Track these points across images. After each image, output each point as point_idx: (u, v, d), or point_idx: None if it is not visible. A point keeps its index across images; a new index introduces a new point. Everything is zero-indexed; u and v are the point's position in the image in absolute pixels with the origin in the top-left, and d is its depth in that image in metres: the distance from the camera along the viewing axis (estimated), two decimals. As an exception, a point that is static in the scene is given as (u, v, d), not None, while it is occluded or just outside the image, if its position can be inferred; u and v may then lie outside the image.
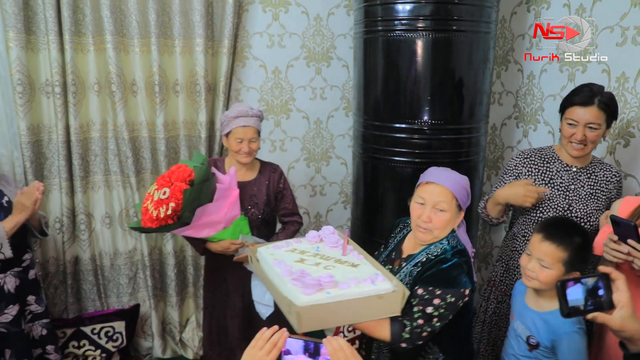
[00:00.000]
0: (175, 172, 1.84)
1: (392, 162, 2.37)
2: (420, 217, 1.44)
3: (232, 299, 2.19)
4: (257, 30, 2.71)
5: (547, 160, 1.89)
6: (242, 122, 2.02)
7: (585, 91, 1.75)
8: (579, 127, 1.74)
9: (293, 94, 2.86)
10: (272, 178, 2.17)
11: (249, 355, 1.04)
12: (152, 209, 1.79)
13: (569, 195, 1.83)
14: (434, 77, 2.23)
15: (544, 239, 1.40)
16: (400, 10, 2.21)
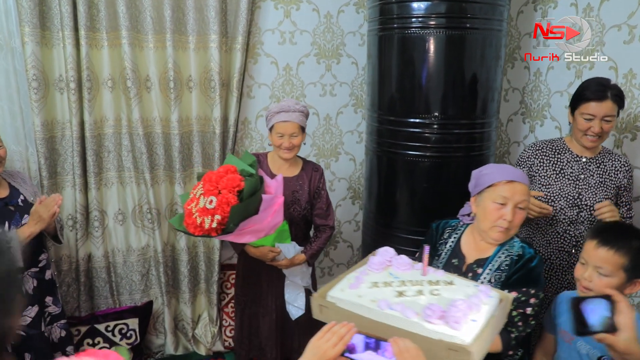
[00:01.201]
0: (224, 178, 1.81)
1: (408, 156, 2.42)
2: (502, 217, 1.42)
3: (264, 298, 2.21)
4: (269, 27, 2.74)
5: (557, 152, 1.97)
6: (283, 117, 2.04)
7: (596, 86, 1.82)
8: (596, 121, 1.81)
9: (304, 90, 2.90)
10: (313, 177, 2.19)
11: (314, 346, 1.04)
12: (196, 215, 1.78)
13: (579, 185, 1.90)
14: (448, 73, 2.28)
15: (599, 244, 1.30)
16: (415, 8, 2.26)
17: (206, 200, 1.76)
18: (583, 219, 1.88)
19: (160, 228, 2.63)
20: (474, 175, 1.58)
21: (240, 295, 2.29)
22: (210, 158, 2.67)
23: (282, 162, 2.16)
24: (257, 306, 2.23)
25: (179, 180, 2.62)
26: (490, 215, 1.45)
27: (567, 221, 1.91)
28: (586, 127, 1.83)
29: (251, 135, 2.86)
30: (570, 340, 1.41)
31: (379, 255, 1.40)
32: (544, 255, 1.97)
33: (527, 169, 2.00)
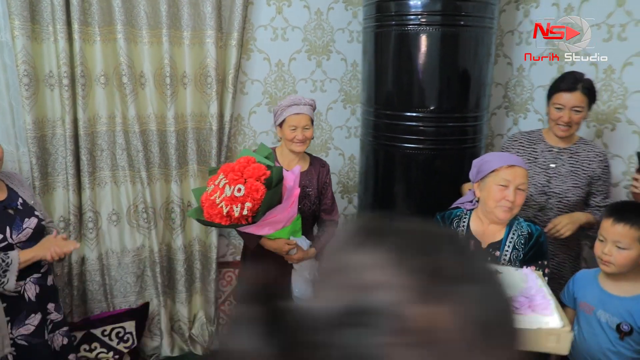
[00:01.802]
0: (247, 168, 1.81)
1: (405, 148, 2.51)
2: (505, 197, 1.55)
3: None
4: (261, 23, 2.74)
5: (533, 142, 2.11)
6: (295, 109, 2.07)
7: (569, 78, 1.97)
8: (566, 111, 1.94)
9: (295, 86, 2.92)
10: (321, 172, 2.23)
11: None
12: (222, 204, 1.77)
13: (549, 173, 2.03)
14: (443, 69, 2.39)
15: (615, 221, 1.45)
16: (412, 6, 2.34)
17: (234, 189, 1.76)
18: (552, 206, 2.01)
19: (156, 227, 2.57)
20: (475, 164, 1.71)
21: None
22: (206, 155, 2.64)
23: (292, 157, 2.18)
24: None
25: (176, 178, 2.58)
26: (494, 196, 1.58)
27: (537, 207, 2.04)
28: (557, 116, 1.97)
29: (244, 131, 2.86)
30: (591, 311, 1.54)
31: None
32: None
33: None
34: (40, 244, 1.86)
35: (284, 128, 2.10)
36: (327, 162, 2.28)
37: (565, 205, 1.98)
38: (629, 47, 2.20)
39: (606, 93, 2.30)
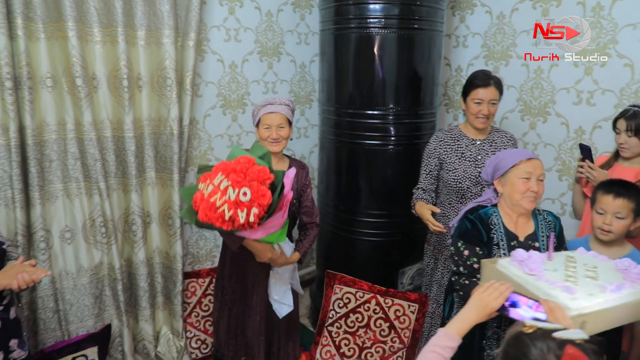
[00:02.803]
0: (251, 170, 1.72)
1: (368, 145, 2.63)
2: (530, 189, 1.64)
3: (249, 297, 2.18)
4: (214, 23, 2.67)
5: (456, 138, 2.27)
6: (269, 109, 2.06)
7: (481, 76, 2.18)
8: (484, 104, 2.14)
9: (248, 88, 2.89)
10: (301, 174, 2.21)
11: (479, 299, 1.24)
12: (225, 207, 1.65)
13: (478, 165, 2.19)
14: (401, 69, 2.56)
15: (616, 196, 1.72)
16: (372, 10, 2.48)
17: (238, 192, 1.68)
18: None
19: (116, 242, 2.37)
20: (490, 164, 1.78)
21: (225, 295, 2.23)
22: (168, 161, 2.50)
23: (273, 160, 2.14)
24: (243, 305, 2.20)
25: (136, 188, 2.40)
26: (519, 188, 1.66)
27: (473, 197, 2.19)
28: (477, 110, 2.16)
29: (199, 135, 2.75)
30: None
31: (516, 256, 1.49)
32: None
33: (437, 158, 2.28)
34: (4, 272, 1.63)
35: (259, 128, 2.09)
36: (306, 164, 2.29)
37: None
38: (553, 50, 2.56)
39: (537, 90, 2.65)
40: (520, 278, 1.38)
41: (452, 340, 1.22)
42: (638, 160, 2.09)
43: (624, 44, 2.31)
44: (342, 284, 2.67)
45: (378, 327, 2.58)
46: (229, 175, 1.72)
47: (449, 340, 1.22)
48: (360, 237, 2.78)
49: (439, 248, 2.33)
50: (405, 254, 2.80)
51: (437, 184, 2.33)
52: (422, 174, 2.34)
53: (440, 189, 2.35)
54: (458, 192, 2.23)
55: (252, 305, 2.18)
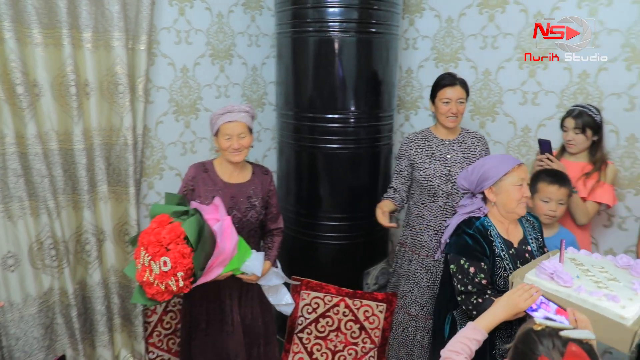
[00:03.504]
0: (163, 233, 1.69)
1: (328, 149, 2.62)
2: (524, 194, 1.67)
3: (228, 314, 2.10)
4: (164, 25, 2.51)
5: (426, 139, 2.36)
6: (228, 117, 1.96)
7: (447, 77, 2.28)
8: (453, 103, 2.24)
9: (200, 93, 2.75)
10: (264, 180, 2.15)
11: (510, 299, 1.33)
12: (157, 282, 1.66)
13: (448, 163, 2.28)
14: (359, 72, 2.57)
15: (560, 186, 2.01)
16: (330, 13, 2.47)
17: (159, 264, 1.66)
18: (456, 191, 2.28)
19: (69, 264, 2.17)
20: (474, 171, 1.76)
21: (197, 319, 2.12)
22: (122, 173, 2.32)
23: (232, 168, 2.07)
24: (221, 324, 2.11)
25: (89, 204, 2.21)
26: (515, 196, 1.67)
27: (445, 195, 2.28)
28: (446, 109, 2.25)
29: (152, 144, 2.59)
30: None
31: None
32: (433, 225, 2.33)
33: (407, 159, 2.36)
34: None
35: (219, 137, 2.00)
36: (269, 169, 2.24)
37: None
38: (500, 54, 2.71)
39: (485, 91, 2.80)
40: (560, 292, 1.39)
41: (479, 334, 1.30)
42: (582, 155, 2.28)
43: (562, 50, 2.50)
44: (309, 289, 2.65)
45: (349, 330, 2.60)
46: (147, 248, 1.71)
47: (476, 333, 1.30)
48: (323, 240, 2.77)
49: (414, 249, 2.39)
50: (369, 255, 2.84)
51: (409, 183, 2.39)
52: (393, 174, 2.43)
53: (413, 190, 2.41)
54: (429, 190, 2.30)
55: (232, 321, 2.10)
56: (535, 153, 2.56)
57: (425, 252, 2.34)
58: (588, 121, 2.18)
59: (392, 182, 2.43)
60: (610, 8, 2.35)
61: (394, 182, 2.42)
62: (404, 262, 2.46)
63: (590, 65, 2.43)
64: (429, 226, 2.33)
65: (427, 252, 2.34)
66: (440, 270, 2.31)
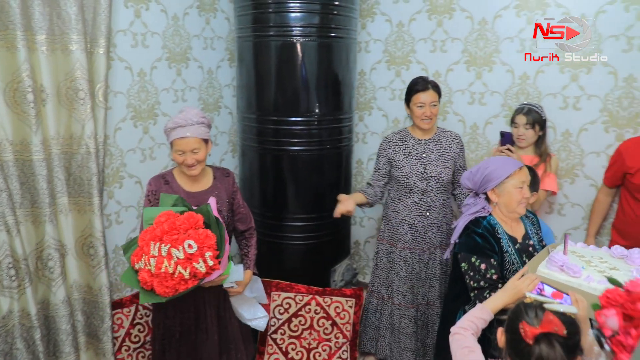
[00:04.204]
0: (179, 223, 1.71)
1: (292, 151, 2.67)
2: (524, 196, 1.78)
3: (203, 321, 2.07)
4: (120, 27, 2.41)
5: (404, 139, 2.50)
6: (179, 133, 1.89)
7: (420, 82, 2.42)
8: (427, 107, 2.39)
9: (158, 97, 2.68)
10: (227, 182, 2.13)
11: (514, 285, 1.48)
12: (179, 269, 1.64)
13: (423, 161, 2.44)
14: (321, 76, 2.65)
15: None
16: (292, 19, 2.51)
17: (182, 248, 1.66)
18: (431, 188, 2.45)
19: (32, 284, 2.03)
20: (478, 173, 1.85)
21: (171, 330, 2.07)
22: (84, 184, 2.19)
23: (192, 178, 2.03)
24: (197, 331, 2.09)
25: (51, 218, 2.08)
26: (516, 197, 1.78)
27: (420, 192, 2.43)
28: (421, 113, 2.40)
29: (110, 152, 2.48)
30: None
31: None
32: (408, 220, 2.49)
33: (386, 157, 2.50)
34: None
35: (173, 151, 1.93)
36: (230, 170, 2.20)
37: (441, 185, 2.45)
38: (449, 57, 2.91)
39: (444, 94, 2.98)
40: (571, 282, 1.49)
41: (486, 314, 1.45)
42: (530, 149, 2.52)
43: (505, 53, 2.74)
44: (279, 290, 2.68)
45: (321, 327, 2.66)
46: (162, 239, 1.70)
47: (483, 313, 1.45)
48: (289, 241, 2.81)
49: (392, 242, 2.51)
50: (334, 253, 2.92)
51: (385, 180, 2.52)
52: (373, 171, 2.57)
53: (391, 186, 2.53)
54: (406, 187, 2.43)
55: (207, 328, 2.08)
56: (485, 148, 2.79)
57: (402, 244, 2.48)
58: (536, 118, 2.42)
59: (370, 178, 2.56)
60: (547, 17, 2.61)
61: (371, 178, 2.55)
62: (383, 255, 2.58)
63: (529, 67, 2.69)
64: (404, 220, 2.46)
65: (403, 244, 2.47)
66: (417, 262, 2.49)
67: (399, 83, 3.12)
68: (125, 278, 1.81)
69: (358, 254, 3.58)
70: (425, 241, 2.48)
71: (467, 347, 1.39)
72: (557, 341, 1.15)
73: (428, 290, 2.50)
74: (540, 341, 1.16)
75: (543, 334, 1.16)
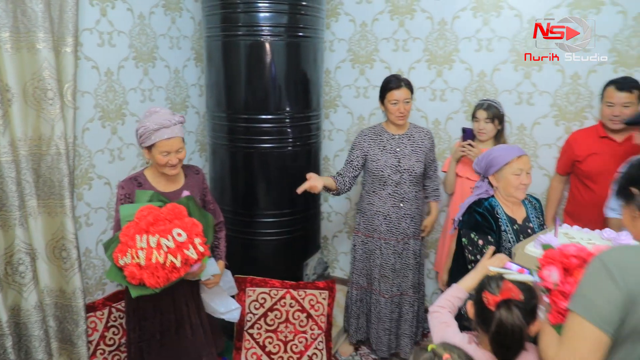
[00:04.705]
0: (163, 214, 1.74)
1: (264, 148, 2.71)
2: (522, 182, 1.92)
3: (186, 320, 2.09)
4: (86, 26, 2.37)
5: (378, 134, 2.63)
6: (166, 133, 1.91)
7: (394, 80, 2.55)
8: (400, 104, 2.53)
9: (126, 97, 2.64)
10: (198, 180, 2.17)
11: (482, 265, 1.59)
12: (170, 258, 1.66)
13: (397, 155, 2.57)
14: (290, 74, 2.71)
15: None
16: (262, 18, 2.56)
17: (171, 237, 1.69)
18: (404, 181, 2.59)
19: (2, 290, 1.97)
20: (484, 159, 2.01)
21: (150, 331, 2.06)
22: (55, 185, 2.15)
23: (166, 177, 2.05)
24: (178, 332, 2.10)
25: (22, 221, 2.02)
26: (513, 183, 1.93)
27: (394, 184, 2.56)
28: (394, 110, 2.54)
29: (79, 153, 2.43)
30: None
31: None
32: (382, 211, 2.61)
33: (361, 150, 2.60)
34: None
35: (154, 153, 1.93)
36: (199, 167, 2.23)
37: (414, 178, 2.59)
38: (410, 56, 3.04)
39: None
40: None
41: (461, 292, 1.57)
42: (490, 142, 2.68)
43: (464, 52, 2.90)
44: (254, 285, 2.71)
45: (297, 319, 2.72)
46: (149, 231, 1.72)
47: (458, 292, 1.57)
48: (262, 237, 2.85)
49: (367, 233, 2.61)
50: (306, 247, 2.99)
51: (355, 173, 2.60)
52: (345, 163, 2.64)
53: (365, 179, 2.64)
54: (380, 179, 2.54)
55: (191, 326, 2.10)
56: (447, 142, 2.94)
57: (378, 235, 2.58)
58: (496, 112, 2.59)
59: (341, 169, 2.63)
60: (500, 19, 2.78)
61: (343, 169, 2.62)
62: (359, 247, 2.68)
63: (486, 66, 2.86)
64: (378, 212, 2.56)
65: (379, 235, 2.58)
66: (391, 252, 2.62)
67: (363, 81, 3.23)
68: (110, 275, 1.80)
69: (327, 249, 3.67)
70: (400, 231, 2.61)
71: (445, 322, 1.50)
72: (516, 306, 1.27)
73: (402, 280, 2.62)
74: (500, 307, 1.28)
75: (503, 301, 1.28)
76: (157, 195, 1.92)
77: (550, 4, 2.66)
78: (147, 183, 2.02)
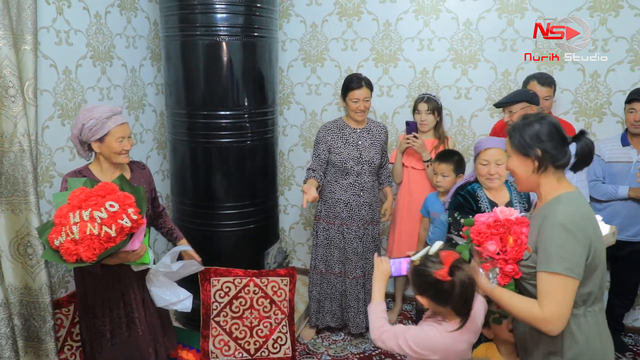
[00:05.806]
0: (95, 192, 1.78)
1: (223, 143, 2.83)
2: (488, 172, 2.11)
3: (139, 312, 2.14)
4: (43, 24, 2.39)
5: (341, 128, 2.83)
6: (119, 119, 2.00)
7: (355, 79, 2.74)
8: (360, 102, 2.73)
9: (84, 95, 2.67)
10: (144, 174, 2.25)
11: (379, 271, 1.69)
12: (104, 228, 1.68)
13: (359, 148, 2.79)
14: (246, 72, 2.83)
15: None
16: (219, 19, 2.67)
17: (104, 209, 1.72)
18: (365, 171, 2.81)
19: (-31, 286, 1.97)
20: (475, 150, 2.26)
21: (100, 330, 2.10)
22: (19, 183, 2.15)
23: (113, 170, 2.09)
24: (128, 328, 2.13)
25: (-14, 218, 2.03)
26: (480, 172, 2.17)
27: (355, 174, 2.79)
28: (355, 107, 2.73)
29: (40, 150, 2.43)
30: (437, 216, 2.61)
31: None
32: (344, 199, 2.81)
33: (325, 144, 2.79)
34: None
35: (109, 141, 1.99)
36: (145, 164, 2.33)
37: (372, 168, 2.82)
38: (359, 55, 3.26)
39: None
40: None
41: (381, 305, 1.64)
42: (430, 133, 2.95)
43: (407, 51, 3.15)
44: (218, 275, 2.82)
45: (260, 305, 2.85)
46: (81, 207, 1.75)
47: (379, 306, 1.63)
48: (223, 229, 2.96)
49: (329, 220, 2.79)
50: (266, 237, 3.12)
51: (325, 166, 2.79)
52: (312, 157, 2.82)
53: (328, 170, 2.81)
54: (343, 170, 2.75)
55: (140, 322, 2.14)
56: (394, 135, 3.18)
57: (339, 221, 2.78)
58: (435, 105, 2.85)
59: (311, 164, 2.80)
60: (438, 22, 3.05)
61: (312, 164, 2.80)
62: (321, 233, 2.86)
63: (428, 64, 3.13)
64: (340, 200, 2.76)
65: (340, 221, 2.78)
66: (353, 237, 2.84)
67: (315, 79, 3.41)
68: (46, 255, 1.80)
69: (284, 240, 3.82)
70: (359, 217, 2.82)
71: (399, 331, 1.55)
72: (461, 263, 1.45)
73: (365, 262, 2.84)
74: (454, 271, 1.42)
75: (451, 267, 1.43)
76: (91, 181, 1.91)
77: (572, 6, 2.80)
78: (92, 176, 2.04)
